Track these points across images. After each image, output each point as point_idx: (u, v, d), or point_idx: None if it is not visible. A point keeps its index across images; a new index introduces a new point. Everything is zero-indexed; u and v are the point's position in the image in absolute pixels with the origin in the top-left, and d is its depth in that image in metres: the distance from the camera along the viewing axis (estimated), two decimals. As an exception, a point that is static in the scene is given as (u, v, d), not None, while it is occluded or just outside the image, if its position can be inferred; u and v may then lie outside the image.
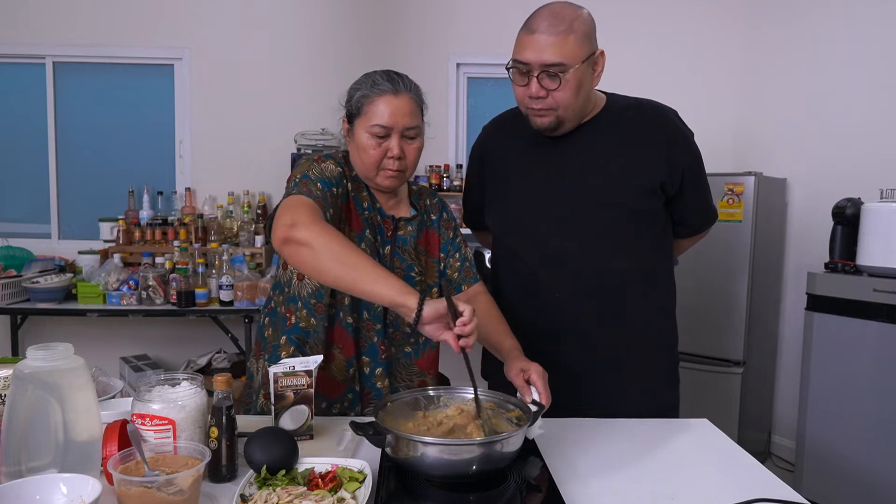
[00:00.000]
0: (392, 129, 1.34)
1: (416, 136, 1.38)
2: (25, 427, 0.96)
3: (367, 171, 1.40)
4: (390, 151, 1.35)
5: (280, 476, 1.02)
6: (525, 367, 1.26)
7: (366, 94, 1.36)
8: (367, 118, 1.35)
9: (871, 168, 3.02)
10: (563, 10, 1.36)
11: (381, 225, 1.44)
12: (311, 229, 1.16)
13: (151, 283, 3.23)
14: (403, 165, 1.38)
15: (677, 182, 1.49)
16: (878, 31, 3.06)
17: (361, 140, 1.37)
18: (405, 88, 1.36)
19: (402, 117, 1.34)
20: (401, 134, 1.35)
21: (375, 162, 1.36)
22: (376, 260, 1.39)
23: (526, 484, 1.08)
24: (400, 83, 1.36)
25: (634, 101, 1.54)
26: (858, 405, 2.63)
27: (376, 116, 1.34)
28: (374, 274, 1.13)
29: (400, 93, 1.35)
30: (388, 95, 1.34)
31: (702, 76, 3.89)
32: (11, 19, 3.75)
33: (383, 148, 1.35)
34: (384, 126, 1.34)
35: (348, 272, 1.14)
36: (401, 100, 1.34)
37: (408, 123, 1.35)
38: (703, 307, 3.31)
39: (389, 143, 1.35)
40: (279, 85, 3.85)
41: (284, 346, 1.41)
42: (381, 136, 1.35)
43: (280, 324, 1.44)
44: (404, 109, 1.34)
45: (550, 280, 1.51)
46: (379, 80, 1.36)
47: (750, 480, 1.13)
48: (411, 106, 1.36)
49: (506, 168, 1.58)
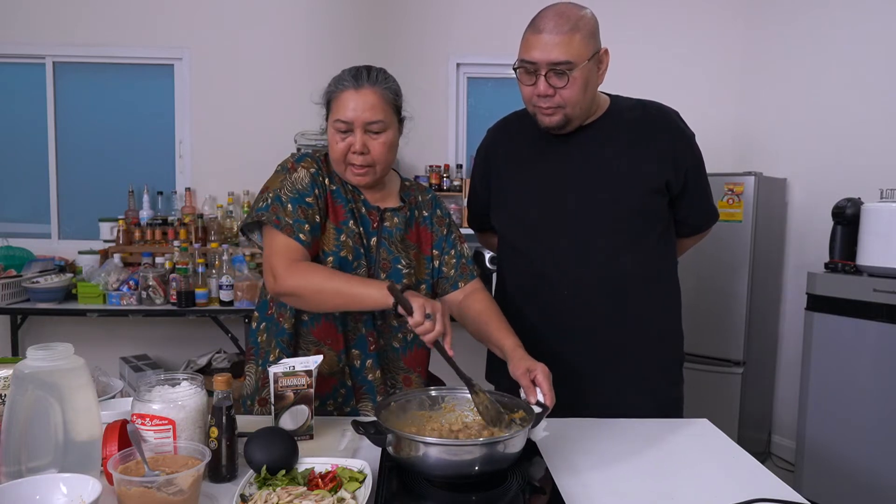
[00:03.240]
0: (352, 123, 1.35)
1: (382, 131, 1.38)
2: (25, 427, 0.96)
3: (336, 167, 1.43)
4: (353, 146, 1.36)
5: (280, 476, 1.02)
6: (532, 367, 1.26)
7: (331, 90, 1.39)
8: (333, 113, 1.38)
9: (871, 168, 3.02)
10: (568, 10, 1.38)
11: (367, 216, 1.45)
12: (288, 281, 1.30)
13: (151, 283, 3.23)
14: (369, 160, 1.38)
15: (681, 181, 1.51)
16: (879, 31, 3.05)
17: (329, 135, 1.40)
18: (369, 82, 1.36)
19: (363, 112, 1.35)
20: (363, 129, 1.36)
21: (340, 157, 1.38)
22: (361, 251, 1.41)
23: (528, 484, 1.08)
24: (363, 77, 1.36)
25: (638, 102, 1.55)
26: (858, 405, 2.63)
27: (339, 111, 1.36)
28: (357, 290, 1.27)
29: (361, 87, 1.35)
30: (350, 90, 1.36)
31: (702, 76, 3.89)
32: (11, 19, 3.75)
33: (347, 143, 1.37)
34: (345, 121, 1.36)
35: (338, 302, 1.30)
36: (362, 94, 1.35)
37: (369, 118, 1.35)
38: (703, 307, 3.31)
39: (352, 138, 1.37)
40: (279, 85, 3.85)
41: (273, 350, 1.43)
42: (343, 132, 1.37)
43: (273, 329, 1.45)
44: (366, 104, 1.35)
45: (555, 279, 1.51)
46: (345, 75, 1.38)
47: (750, 480, 1.13)
48: (374, 100, 1.35)
49: (511, 169, 1.59)
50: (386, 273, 1.44)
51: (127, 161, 3.91)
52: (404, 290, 1.24)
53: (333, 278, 1.30)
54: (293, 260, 1.32)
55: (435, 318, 1.18)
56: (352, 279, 1.31)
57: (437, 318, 1.18)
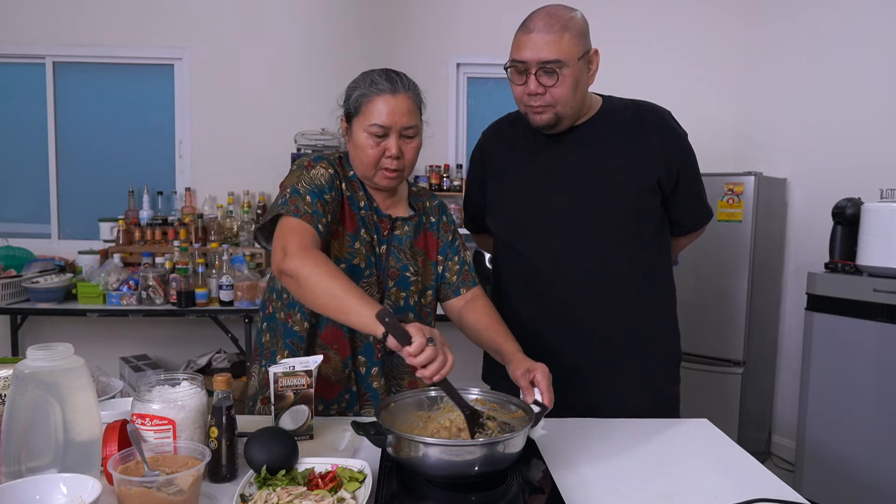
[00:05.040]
0: (390, 128, 1.34)
1: (415, 136, 1.38)
2: (25, 427, 0.96)
3: (365, 171, 1.40)
4: (388, 151, 1.35)
5: (280, 476, 1.02)
6: (531, 368, 1.26)
7: (364, 94, 1.35)
8: (365, 117, 1.35)
9: (871, 168, 3.02)
10: (558, 11, 1.40)
11: (378, 224, 1.44)
12: (297, 261, 1.20)
13: (151, 283, 3.23)
14: (402, 165, 1.38)
15: (673, 181, 1.52)
16: (879, 30, 3.06)
17: (360, 139, 1.36)
18: (403, 88, 1.36)
19: (401, 117, 1.34)
20: (399, 133, 1.35)
21: (374, 161, 1.36)
22: (372, 259, 1.40)
23: (528, 484, 1.08)
24: (398, 82, 1.36)
25: (631, 102, 1.56)
26: (858, 405, 2.63)
27: (374, 116, 1.34)
28: (352, 303, 1.14)
29: (398, 92, 1.34)
30: (387, 95, 1.34)
31: (702, 76, 3.89)
32: (11, 19, 3.75)
33: (381, 147, 1.35)
34: (382, 126, 1.34)
35: (329, 302, 1.17)
36: (399, 99, 1.34)
37: (406, 123, 1.35)
38: (703, 307, 3.31)
39: (388, 143, 1.35)
40: (279, 85, 3.85)
41: (281, 351, 1.42)
42: (380, 136, 1.35)
43: (280, 329, 1.44)
44: (402, 109, 1.34)
45: (550, 278, 1.52)
46: (377, 79, 1.35)
47: (750, 480, 1.13)
48: (409, 105, 1.36)
49: (506, 170, 1.60)
50: (394, 281, 1.44)
51: (127, 161, 3.91)
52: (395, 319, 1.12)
53: (336, 279, 1.18)
54: (308, 244, 1.24)
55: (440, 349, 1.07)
56: (352, 290, 1.17)
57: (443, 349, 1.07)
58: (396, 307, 1.44)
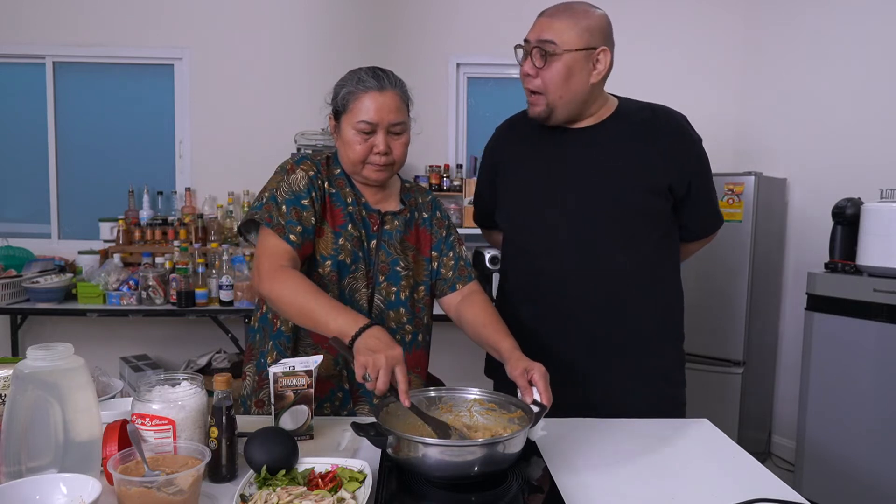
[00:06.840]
0: (378, 125, 1.36)
1: (402, 132, 1.40)
2: (25, 427, 0.96)
3: (353, 167, 1.42)
4: (376, 147, 1.37)
5: (280, 476, 1.02)
6: (529, 367, 1.25)
7: (351, 91, 1.37)
8: (352, 115, 1.37)
9: (871, 168, 3.02)
10: (578, 4, 1.43)
11: (367, 219, 1.45)
12: (267, 284, 1.29)
13: (151, 283, 3.23)
14: (390, 160, 1.40)
15: (685, 186, 1.51)
16: (879, 30, 3.05)
17: (348, 136, 1.38)
18: (390, 84, 1.37)
19: (388, 113, 1.36)
20: (386, 130, 1.37)
21: (361, 157, 1.38)
22: (360, 254, 1.41)
23: (527, 485, 1.08)
24: (385, 79, 1.37)
25: (647, 105, 1.56)
26: (858, 405, 2.63)
27: (362, 113, 1.35)
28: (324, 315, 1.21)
29: (385, 89, 1.36)
30: (374, 92, 1.35)
31: (702, 76, 3.89)
32: (11, 19, 3.75)
33: (369, 144, 1.37)
34: (370, 122, 1.35)
35: (303, 318, 1.26)
36: (386, 96, 1.36)
37: (393, 119, 1.37)
38: (703, 307, 3.30)
39: (375, 139, 1.37)
40: (279, 85, 3.85)
41: (270, 351, 1.43)
42: (367, 133, 1.37)
43: (269, 329, 1.45)
44: (390, 105, 1.36)
45: (556, 277, 1.52)
46: (364, 76, 1.37)
47: (750, 480, 1.13)
48: (397, 102, 1.37)
49: (515, 167, 1.60)
50: (384, 275, 1.44)
51: (127, 161, 3.91)
52: (370, 327, 1.17)
53: (307, 296, 1.24)
54: (279, 265, 1.31)
55: (379, 376, 1.09)
56: (323, 304, 1.23)
57: (379, 375, 1.09)
58: (387, 302, 1.45)
